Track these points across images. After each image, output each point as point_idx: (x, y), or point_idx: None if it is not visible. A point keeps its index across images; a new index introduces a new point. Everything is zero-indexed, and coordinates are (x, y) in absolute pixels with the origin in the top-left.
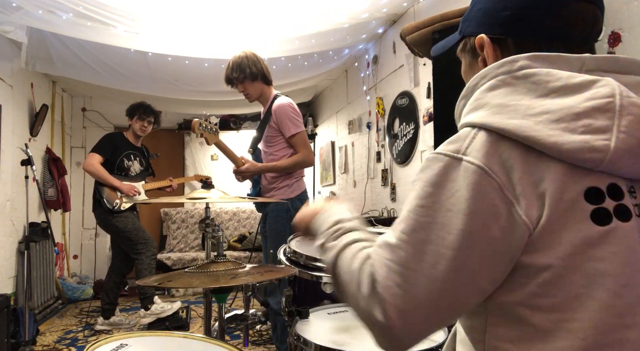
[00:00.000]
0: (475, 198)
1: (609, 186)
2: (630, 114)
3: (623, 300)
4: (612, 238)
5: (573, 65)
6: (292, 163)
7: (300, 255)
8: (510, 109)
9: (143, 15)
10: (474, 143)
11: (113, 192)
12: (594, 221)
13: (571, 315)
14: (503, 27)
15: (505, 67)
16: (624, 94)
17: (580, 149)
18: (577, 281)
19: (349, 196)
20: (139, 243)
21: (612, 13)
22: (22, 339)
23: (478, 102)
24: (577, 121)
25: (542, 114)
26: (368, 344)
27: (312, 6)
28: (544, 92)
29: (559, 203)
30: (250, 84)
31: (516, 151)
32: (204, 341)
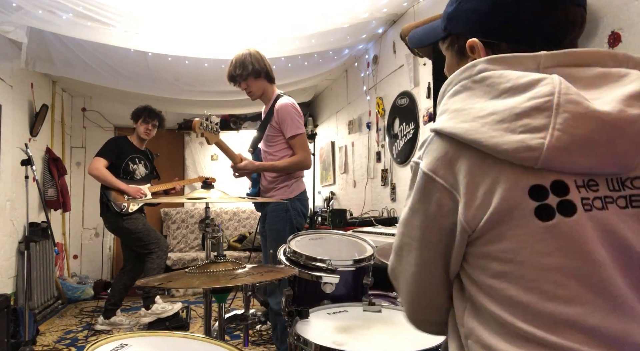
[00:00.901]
0: (423, 199)
1: (553, 183)
2: (566, 112)
3: (568, 290)
4: (556, 233)
5: (529, 64)
6: (289, 164)
7: (300, 255)
8: (464, 112)
9: (143, 15)
10: (428, 149)
11: (120, 195)
12: (537, 217)
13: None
14: (497, 32)
15: (467, 73)
16: (562, 92)
17: (516, 149)
18: (527, 275)
19: (348, 196)
20: (151, 242)
21: (612, 13)
22: (22, 339)
23: (442, 108)
24: (517, 121)
25: (490, 116)
26: (368, 344)
27: (312, 6)
28: (496, 93)
29: (505, 201)
30: (253, 81)
31: (465, 153)
32: (204, 341)
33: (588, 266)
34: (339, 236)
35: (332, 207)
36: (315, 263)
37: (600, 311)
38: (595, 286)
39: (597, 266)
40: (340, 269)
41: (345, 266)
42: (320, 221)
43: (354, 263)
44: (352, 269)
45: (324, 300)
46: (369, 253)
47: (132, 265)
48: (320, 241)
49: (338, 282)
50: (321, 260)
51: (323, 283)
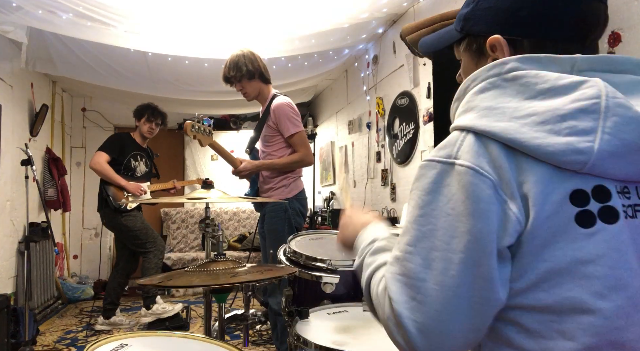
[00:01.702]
0: (472, 198)
1: (594, 188)
2: (616, 115)
3: (612, 302)
4: (597, 240)
5: (564, 66)
6: (290, 162)
7: (300, 255)
8: (497, 111)
9: (143, 15)
10: (463, 146)
11: (119, 191)
12: (578, 224)
13: (560, 317)
14: (520, 27)
15: (495, 70)
16: (610, 95)
17: (563, 152)
18: (564, 284)
19: None
20: (147, 241)
21: (612, 13)
22: (22, 339)
23: (468, 105)
24: (562, 123)
25: (529, 117)
26: (368, 344)
27: (312, 6)
28: (532, 94)
29: (545, 206)
30: (247, 82)
31: (503, 153)
32: (204, 341)
33: (627, 276)
34: None
35: (332, 207)
36: (315, 263)
37: (637, 326)
38: (632, 299)
39: (635, 276)
40: (340, 269)
41: (346, 266)
42: (320, 221)
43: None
44: (352, 269)
45: (324, 300)
46: None
47: (125, 263)
48: (320, 241)
49: (338, 282)
50: (321, 260)
51: (323, 283)
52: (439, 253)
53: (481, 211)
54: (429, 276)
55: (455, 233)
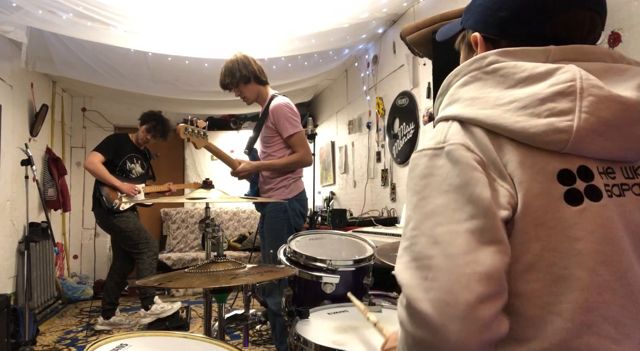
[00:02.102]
0: (467, 168)
1: (579, 168)
2: (591, 95)
3: (601, 277)
4: (586, 217)
5: (539, 57)
6: (289, 162)
7: (300, 255)
8: (481, 100)
9: (143, 15)
10: (450, 131)
11: (113, 191)
12: (567, 202)
13: (556, 297)
14: (498, 28)
15: (476, 64)
16: (584, 78)
17: (545, 132)
18: (559, 263)
19: (348, 196)
20: (140, 242)
21: (612, 13)
22: (22, 339)
23: (452, 98)
24: (541, 106)
25: (511, 103)
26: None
27: (312, 6)
28: (512, 83)
29: (533, 184)
30: (244, 86)
31: (487, 137)
32: (204, 341)
33: (614, 252)
34: (339, 236)
35: (332, 207)
36: (315, 263)
37: (621, 299)
38: (619, 274)
39: (620, 252)
40: (340, 270)
41: (346, 266)
42: (320, 221)
43: (354, 263)
44: (352, 269)
45: (324, 300)
46: (369, 253)
47: (121, 262)
48: (320, 241)
49: (338, 282)
50: (321, 260)
51: (323, 283)
52: (444, 227)
53: (477, 178)
54: (436, 251)
55: (456, 205)
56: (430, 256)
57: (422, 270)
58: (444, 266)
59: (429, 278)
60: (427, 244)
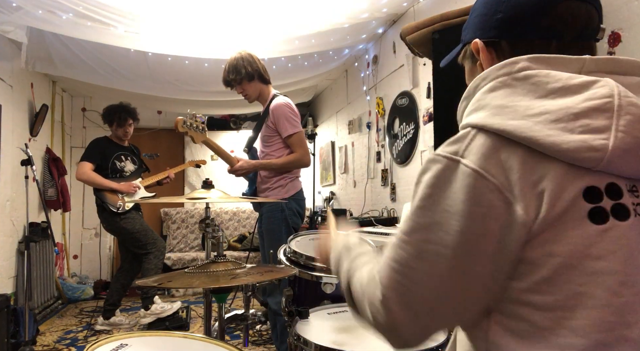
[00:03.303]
0: (471, 200)
1: (607, 185)
2: (629, 114)
3: (622, 298)
4: (609, 237)
5: (573, 66)
6: (287, 162)
7: (300, 255)
8: (509, 109)
9: (143, 15)
10: (472, 145)
11: (113, 195)
12: (591, 220)
13: (571, 313)
14: (496, 30)
15: (506, 69)
16: (622, 94)
17: (578, 149)
18: (575, 280)
19: (348, 196)
20: (148, 243)
21: (612, 13)
22: (22, 339)
23: (479, 104)
24: (575, 121)
25: (541, 115)
26: (368, 344)
27: (312, 6)
28: (544, 93)
29: (558, 202)
30: (247, 84)
31: (515, 152)
32: (204, 341)
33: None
34: None
35: (332, 207)
36: (315, 263)
37: None
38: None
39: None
40: None
41: None
42: (320, 221)
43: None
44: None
45: (324, 300)
46: None
47: (129, 265)
48: None
49: (338, 282)
50: None
51: (323, 283)
52: (432, 246)
53: (477, 214)
54: (419, 265)
55: (449, 229)
56: (412, 267)
57: (400, 275)
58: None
59: (405, 285)
60: (412, 255)
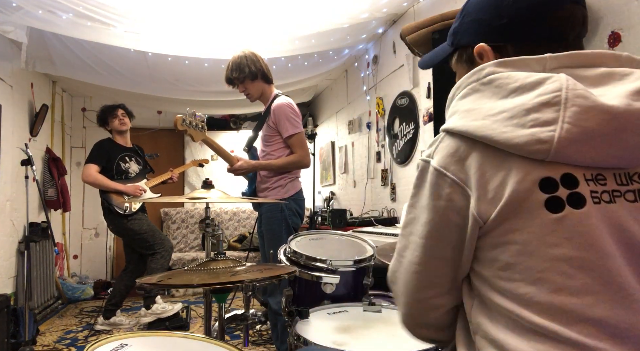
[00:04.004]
0: (433, 195)
1: (563, 175)
2: (575, 106)
3: (579, 281)
4: (565, 225)
5: (535, 66)
6: (286, 163)
7: (300, 255)
8: (475, 112)
9: (143, 15)
10: (439, 147)
11: (119, 196)
12: (548, 209)
13: (531, 297)
14: (502, 34)
15: (475, 76)
16: (570, 87)
17: (527, 142)
18: (535, 266)
19: (348, 196)
20: (155, 243)
21: (612, 13)
22: (22, 339)
23: (452, 110)
24: (527, 116)
25: (500, 114)
26: (368, 344)
27: (312, 6)
28: (505, 93)
29: (516, 194)
30: (250, 83)
31: (476, 149)
32: (204, 341)
33: (596, 257)
34: (339, 236)
35: (332, 207)
36: (315, 263)
37: (607, 302)
38: (602, 278)
39: (605, 258)
40: (340, 270)
41: (346, 266)
42: (320, 221)
43: (354, 263)
44: (353, 269)
45: (324, 300)
46: (369, 253)
47: (134, 266)
48: (320, 241)
49: (338, 282)
50: (321, 260)
51: (323, 283)
52: (413, 237)
53: (439, 207)
54: (406, 253)
55: (421, 222)
56: (403, 256)
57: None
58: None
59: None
60: (403, 246)
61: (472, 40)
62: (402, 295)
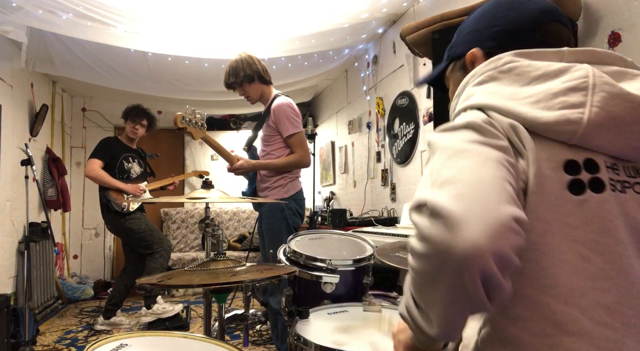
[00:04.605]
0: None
1: (585, 160)
2: (603, 91)
3: (594, 265)
4: (585, 208)
5: (552, 58)
6: (286, 163)
7: (300, 255)
8: (496, 94)
9: (143, 15)
10: (470, 116)
11: (119, 195)
12: (570, 191)
13: (553, 280)
14: (495, 41)
15: (492, 64)
16: (597, 75)
17: (556, 122)
18: (557, 247)
19: (348, 196)
20: (154, 242)
21: (612, 13)
22: (22, 339)
23: (468, 95)
24: (554, 99)
25: (525, 98)
26: (368, 344)
27: (312, 6)
28: (527, 81)
29: (541, 170)
30: (248, 86)
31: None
32: (204, 341)
33: (611, 243)
34: (339, 236)
35: (332, 207)
36: (315, 262)
37: (619, 289)
38: (616, 264)
39: (619, 244)
40: (340, 269)
41: (346, 266)
42: (320, 221)
43: (354, 262)
44: (352, 269)
45: (324, 300)
46: (369, 253)
47: (133, 265)
48: (320, 241)
49: (338, 282)
50: (321, 260)
51: (323, 283)
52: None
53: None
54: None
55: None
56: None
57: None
58: (468, 177)
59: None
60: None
61: (466, 49)
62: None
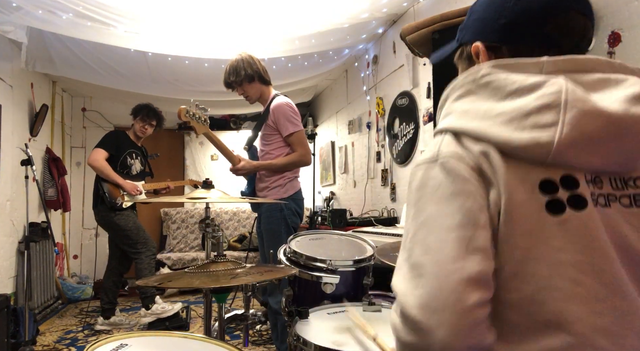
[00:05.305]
0: (459, 179)
1: (562, 177)
2: (575, 108)
3: (585, 287)
4: (567, 227)
5: (532, 69)
6: (287, 162)
7: (300, 255)
8: (471, 113)
9: (143, 15)
10: (443, 144)
11: (115, 189)
12: (548, 211)
13: (540, 307)
14: (498, 34)
15: (471, 77)
16: (569, 91)
17: (526, 146)
18: (541, 272)
19: (348, 196)
20: (138, 242)
21: (612, 13)
22: (22, 339)
23: (447, 111)
24: (526, 120)
25: (499, 116)
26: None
27: (312, 6)
28: (502, 95)
29: (515, 195)
30: (248, 85)
31: (477, 146)
32: (204, 341)
33: (601, 261)
34: (339, 236)
35: (332, 207)
36: (315, 263)
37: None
38: (607, 283)
39: (609, 261)
40: (340, 270)
41: (346, 266)
42: (320, 221)
43: (354, 263)
44: (352, 269)
45: (324, 300)
46: (369, 253)
47: (117, 262)
48: (320, 241)
49: (338, 282)
50: (321, 260)
51: (323, 283)
52: (434, 235)
53: (468, 190)
54: (428, 259)
55: (446, 214)
56: (422, 264)
57: (415, 279)
58: (433, 272)
59: (420, 286)
60: (420, 253)
61: (472, 38)
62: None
